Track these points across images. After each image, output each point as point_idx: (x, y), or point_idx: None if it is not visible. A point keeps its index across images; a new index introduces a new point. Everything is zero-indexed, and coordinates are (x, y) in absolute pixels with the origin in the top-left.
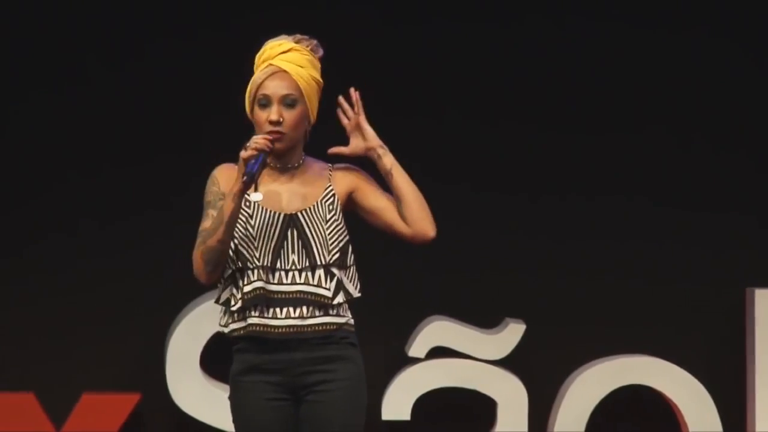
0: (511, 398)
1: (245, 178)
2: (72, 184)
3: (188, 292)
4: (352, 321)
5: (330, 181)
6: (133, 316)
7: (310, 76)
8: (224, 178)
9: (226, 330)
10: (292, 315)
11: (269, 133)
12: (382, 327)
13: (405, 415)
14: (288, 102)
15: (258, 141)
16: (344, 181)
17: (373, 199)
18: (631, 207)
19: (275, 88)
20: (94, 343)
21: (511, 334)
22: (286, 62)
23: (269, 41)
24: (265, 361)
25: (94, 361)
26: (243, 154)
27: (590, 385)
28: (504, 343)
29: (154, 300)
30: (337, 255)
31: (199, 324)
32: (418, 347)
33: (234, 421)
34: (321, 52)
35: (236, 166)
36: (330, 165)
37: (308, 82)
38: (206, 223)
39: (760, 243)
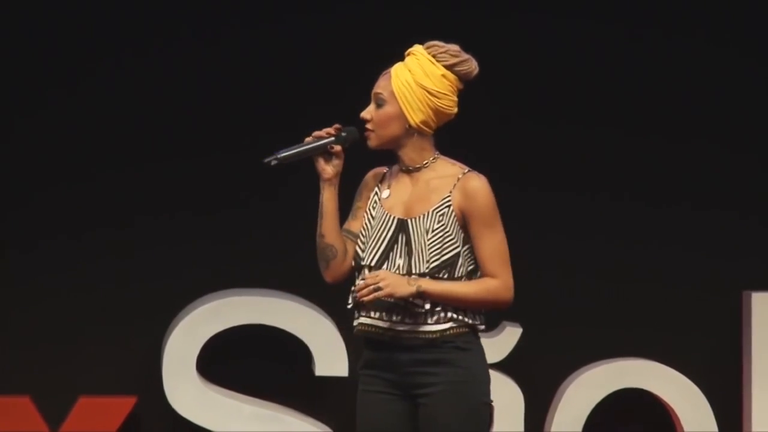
0: (507, 402)
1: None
2: (71, 188)
3: (185, 296)
4: (461, 325)
5: (452, 192)
6: (129, 319)
7: (412, 80)
8: (371, 178)
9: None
10: (385, 318)
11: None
12: None
13: None
14: (378, 101)
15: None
16: (463, 198)
17: (476, 241)
18: (629, 209)
19: (375, 86)
20: (90, 347)
21: (508, 337)
22: (399, 64)
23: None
24: (377, 357)
25: (90, 364)
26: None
27: (587, 389)
28: (501, 347)
29: (150, 303)
30: (435, 266)
31: (195, 327)
32: None
33: (357, 413)
34: (452, 60)
35: (385, 169)
36: (463, 171)
37: (405, 86)
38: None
39: (757, 246)
